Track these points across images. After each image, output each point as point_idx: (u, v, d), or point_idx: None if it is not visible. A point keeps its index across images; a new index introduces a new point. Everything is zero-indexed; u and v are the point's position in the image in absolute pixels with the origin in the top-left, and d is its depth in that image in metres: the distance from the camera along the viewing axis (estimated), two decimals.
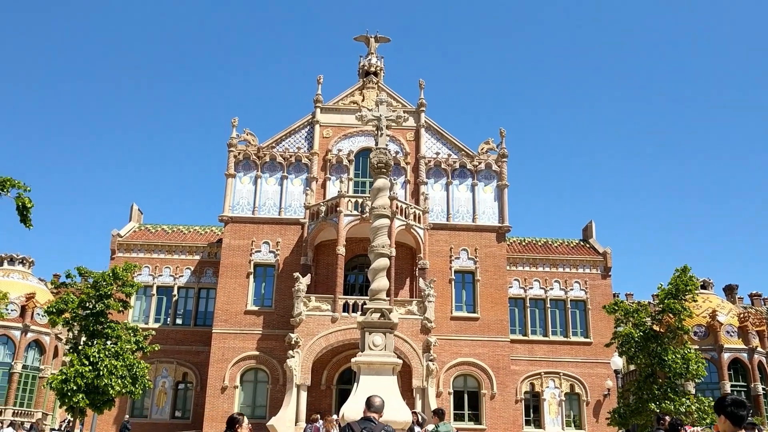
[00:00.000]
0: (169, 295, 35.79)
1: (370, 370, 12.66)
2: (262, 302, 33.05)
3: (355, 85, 37.20)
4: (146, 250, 36.41)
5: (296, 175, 35.07)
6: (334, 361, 31.68)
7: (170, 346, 32.99)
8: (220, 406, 31.04)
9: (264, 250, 33.68)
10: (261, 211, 34.29)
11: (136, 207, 40.00)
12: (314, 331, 29.91)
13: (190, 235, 38.46)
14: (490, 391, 31.86)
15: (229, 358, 31.72)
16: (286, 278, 32.38)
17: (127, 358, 19.75)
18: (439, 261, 33.41)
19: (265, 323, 32.44)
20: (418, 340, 29.77)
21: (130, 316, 32.51)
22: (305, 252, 32.75)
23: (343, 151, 35.29)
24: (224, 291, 32.88)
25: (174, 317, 35.45)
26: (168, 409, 33.92)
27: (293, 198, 34.53)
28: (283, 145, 35.61)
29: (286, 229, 33.93)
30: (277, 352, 31.37)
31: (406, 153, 35.20)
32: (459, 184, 35.09)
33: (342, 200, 31.61)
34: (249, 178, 34.86)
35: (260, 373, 32.12)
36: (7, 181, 12.23)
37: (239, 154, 35.01)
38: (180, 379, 34.48)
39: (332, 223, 31.64)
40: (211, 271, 35.79)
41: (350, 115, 35.45)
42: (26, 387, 42.04)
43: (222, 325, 32.29)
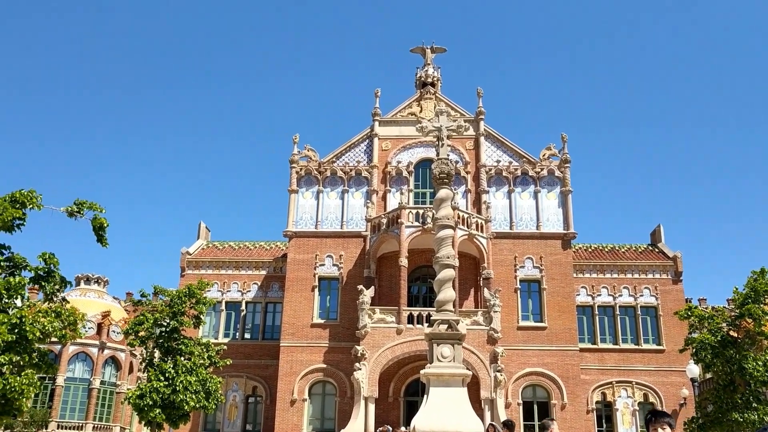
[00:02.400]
0: (238, 310, 36.53)
1: (439, 382, 12.60)
2: (327, 315, 33.35)
3: (413, 96, 37.33)
4: (214, 267, 37.30)
5: (357, 188, 35.36)
6: (401, 373, 31.67)
7: (240, 360, 33.58)
8: (289, 419, 31.40)
9: (328, 264, 34.02)
10: (323, 225, 34.69)
11: (204, 225, 41.04)
12: (380, 343, 29.99)
13: (256, 250, 39.20)
14: (560, 401, 31.23)
15: (297, 371, 32.08)
16: (350, 291, 32.60)
17: (200, 373, 20.22)
18: (504, 270, 33.06)
19: (331, 336, 32.71)
20: (484, 350, 29.49)
21: (201, 332, 33.30)
22: (368, 264, 32.92)
23: (402, 162, 35.41)
24: (290, 305, 33.34)
25: (243, 332, 36.16)
26: (239, 423, 34.52)
27: (354, 211, 34.81)
28: (344, 160, 35.98)
29: (349, 242, 34.20)
30: (344, 365, 31.56)
31: (466, 162, 35.05)
32: (521, 192, 34.71)
33: (403, 212, 31.68)
34: (311, 193, 35.34)
35: (328, 386, 32.36)
36: (83, 204, 12.77)
37: (301, 170, 35.55)
38: (250, 392, 35.07)
39: (394, 234, 31.73)
40: (277, 286, 36.36)
41: (408, 127, 35.61)
42: (104, 402, 43.47)
43: (289, 338, 32.72)
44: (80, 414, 42.15)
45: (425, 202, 34.17)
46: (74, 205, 12.71)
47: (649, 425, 5.27)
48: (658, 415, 5.29)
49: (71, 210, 12.68)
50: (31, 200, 12.40)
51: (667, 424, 5.21)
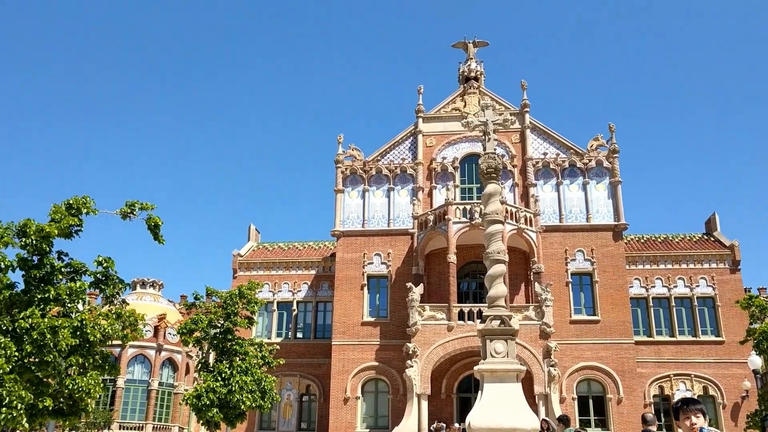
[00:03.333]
0: (289, 309, 36.97)
1: (493, 378, 12.51)
2: (377, 313, 33.47)
3: (456, 91, 37.16)
4: (265, 268, 37.83)
5: (402, 186, 35.38)
6: (453, 370, 31.59)
7: (293, 359, 33.96)
8: (343, 417, 31.64)
9: (376, 262, 34.14)
10: (370, 223, 34.81)
11: (254, 227, 41.67)
12: (431, 341, 29.96)
13: (305, 250, 39.61)
14: (616, 395, 30.69)
15: (350, 370, 32.29)
16: (399, 289, 32.66)
17: (255, 373, 20.53)
18: (554, 264, 32.65)
19: (381, 334, 32.82)
20: (537, 345, 29.20)
21: (254, 332, 33.80)
22: (416, 262, 32.92)
23: (447, 158, 35.28)
24: (340, 303, 33.57)
25: (295, 331, 36.60)
26: (294, 421, 34.94)
27: (401, 209, 34.84)
28: (388, 158, 36.05)
29: (396, 240, 34.26)
30: (396, 362, 31.64)
31: (512, 156, 34.73)
32: (570, 184, 34.22)
33: (450, 208, 31.58)
34: (357, 192, 35.51)
35: (380, 384, 32.48)
36: (135, 204, 13.10)
37: (346, 169, 35.75)
38: (304, 391, 35.46)
39: (441, 231, 31.65)
40: (327, 285, 36.68)
41: (453, 123, 35.46)
42: (163, 403, 44.52)
43: (340, 337, 32.96)
44: (140, 415, 43.26)
45: (472, 197, 33.98)
46: (126, 207, 13.04)
47: (679, 414, 4.83)
48: (689, 402, 4.88)
49: (124, 212, 13.01)
50: (85, 206, 12.75)
51: (700, 412, 4.78)
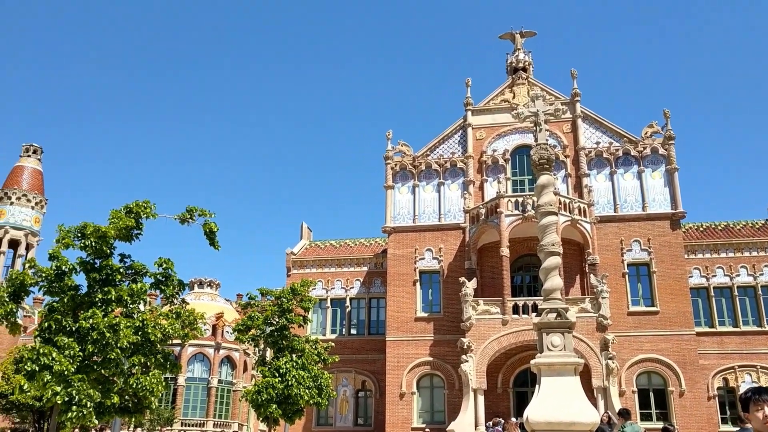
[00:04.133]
0: (342, 306, 37.24)
1: (551, 372, 12.32)
2: (430, 308, 33.41)
3: (505, 83, 36.76)
4: (318, 266, 38.19)
5: (453, 180, 35.19)
6: (509, 364, 31.32)
7: (348, 355, 34.21)
8: (399, 413, 31.71)
9: (428, 257, 34.06)
10: (421, 219, 34.74)
11: (306, 225, 42.11)
12: (485, 335, 29.76)
13: (357, 247, 39.82)
14: (678, 388, 29.92)
15: (404, 365, 32.33)
16: (452, 283, 32.52)
17: (311, 369, 20.75)
18: (610, 255, 32.01)
19: (435, 329, 32.75)
20: (594, 338, 28.70)
21: (309, 329, 34.16)
22: (468, 256, 32.72)
23: (498, 151, 34.94)
24: (393, 299, 33.62)
25: (348, 328, 36.84)
26: (351, 417, 35.20)
27: (452, 203, 34.67)
28: (438, 152, 35.92)
29: (448, 234, 34.11)
30: (450, 357, 31.54)
31: (564, 146, 34.18)
32: (624, 173, 33.47)
33: (502, 201, 31.26)
34: (407, 187, 35.47)
35: (435, 379, 32.42)
36: (194, 210, 13.38)
37: (396, 165, 35.76)
38: (359, 387, 35.67)
39: (493, 224, 31.37)
40: (379, 281, 36.80)
41: (502, 114, 35.11)
42: (223, 400, 45.44)
43: (394, 332, 33.02)
44: (201, 412, 44.27)
45: (524, 189, 33.59)
46: (186, 212, 13.34)
47: (749, 404, 4.40)
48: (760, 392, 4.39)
49: (183, 217, 13.31)
50: (145, 210, 13.08)
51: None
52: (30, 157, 54.69)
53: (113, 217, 12.71)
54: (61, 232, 12.39)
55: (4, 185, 52.96)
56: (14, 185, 52.41)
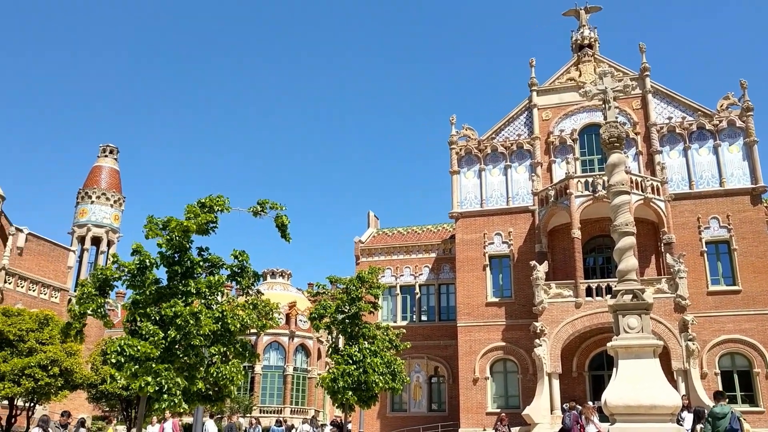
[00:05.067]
0: (412, 293, 37.39)
1: (628, 354, 12.07)
2: (501, 293, 33.16)
3: (570, 61, 35.92)
4: (386, 253, 38.43)
5: (520, 162, 34.72)
6: (583, 347, 30.82)
7: (419, 341, 34.37)
8: (473, 398, 31.69)
9: (497, 242, 33.77)
10: (489, 203, 34.45)
11: (372, 214, 42.44)
12: (558, 319, 29.35)
13: (424, 234, 39.85)
14: (764, 369, 28.75)
15: (477, 351, 32.25)
16: (523, 267, 32.17)
17: (384, 355, 20.97)
18: (686, 233, 30.97)
19: (507, 314, 32.51)
20: (672, 319, 27.90)
21: (380, 317, 34.46)
22: (539, 239, 32.28)
23: (565, 131, 34.25)
24: (463, 285, 33.52)
25: (419, 314, 36.99)
26: (425, 402, 35.40)
27: (519, 186, 34.23)
28: (503, 135, 35.49)
29: (516, 218, 33.72)
30: (523, 342, 31.26)
31: (634, 123, 33.20)
32: (699, 148, 32.26)
33: (571, 181, 30.66)
34: (473, 172, 35.21)
35: (509, 364, 32.22)
36: (265, 203, 13.68)
37: (461, 150, 35.53)
38: (432, 372, 35.81)
39: (563, 206, 30.82)
40: (448, 267, 36.75)
41: (568, 93, 34.39)
42: (298, 387, 46.44)
43: (465, 318, 32.95)
44: (278, 399, 45.36)
45: (593, 169, 32.84)
46: (258, 205, 13.65)
47: None
48: None
49: (256, 210, 13.63)
50: (219, 204, 13.45)
51: None
52: (107, 157, 56.98)
53: (189, 212, 13.11)
54: (150, 224, 12.90)
55: (84, 185, 55.37)
56: (94, 185, 54.73)
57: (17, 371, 23.53)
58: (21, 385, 23.52)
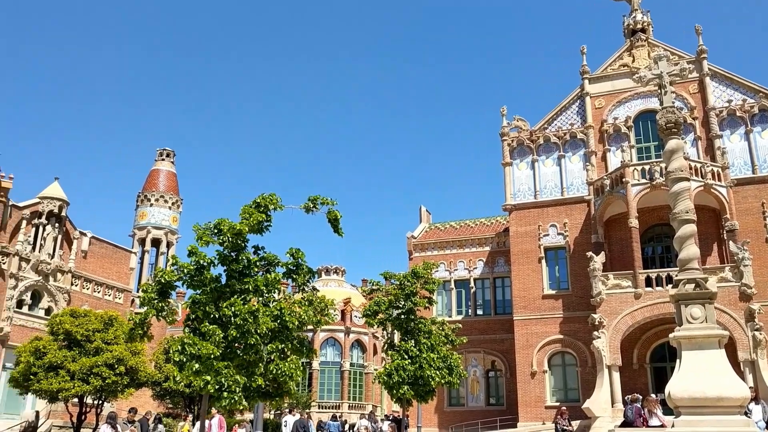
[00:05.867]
0: (467, 287, 37.18)
1: (692, 345, 11.72)
2: (558, 285, 32.70)
3: (622, 47, 35.11)
4: (439, 248, 38.31)
5: (573, 152, 34.15)
6: (644, 339, 30.14)
7: (475, 336, 34.13)
8: (531, 391, 31.36)
9: (552, 233, 33.31)
10: (543, 194, 34.00)
11: (424, 208, 42.37)
12: (617, 310, 28.76)
13: (477, 227, 39.58)
14: None
15: (534, 344, 31.89)
16: (579, 259, 31.65)
17: (440, 350, 20.91)
18: (750, 219, 29.93)
19: (564, 306, 32.04)
20: (737, 308, 27.01)
21: (435, 311, 34.39)
22: (595, 229, 31.70)
23: (619, 118, 33.51)
24: (518, 278, 33.18)
25: (474, 308, 36.77)
26: (482, 397, 35.21)
27: (574, 176, 33.67)
28: (555, 125, 34.95)
29: (571, 208, 33.19)
30: (582, 334, 30.77)
31: (691, 108, 32.25)
32: (762, 131, 31.12)
33: (627, 170, 29.98)
34: (526, 163, 34.80)
35: (567, 356, 31.76)
36: (317, 199, 13.81)
37: (512, 141, 35.15)
38: (489, 366, 35.58)
39: (620, 195, 30.16)
40: (503, 260, 36.41)
41: (622, 80, 33.67)
42: (355, 382, 46.77)
43: (522, 311, 32.61)
44: (336, 394, 45.77)
45: (650, 156, 32.05)
46: (309, 202, 13.80)
47: None
48: None
49: (307, 206, 13.78)
50: (272, 203, 13.62)
51: None
52: (164, 160, 58.41)
53: (245, 213, 13.33)
54: (198, 232, 13.15)
55: (143, 189, 56.91)
56: (152, 188, 56.19)
57: (86, 370, 24.34)
58: (89, 384, 24.31)
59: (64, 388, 24.02)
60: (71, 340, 25.37)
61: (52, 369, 24.39)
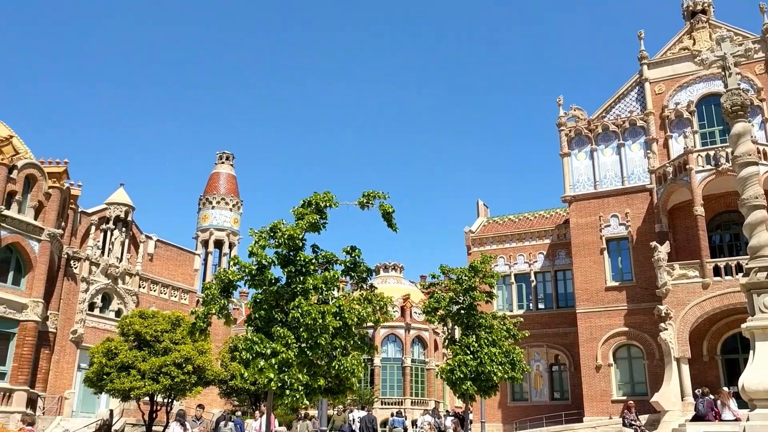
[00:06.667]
0: (527, 281, 36.73)
1: (766, 336, 11.33)
2: (621, 277, 31.97)
3: (682, 29, 34.00)
4: (498, 242, 37.94)
5: (633, 140, 33.31)
6: (714, 330, 29.18)
7: (537, 330, 33.64)
8: (597, 385, 30.78)
9: (613, 224, 32.58)
10: (603, 184, 33.28)
11: (481, 202, 42.04)
12: (684, 301, 27.93)
13: (536, 220, 39.04)
14: None
15: (598, 337, 31.28)
16: (642, 249, 30.86)
17: (502, 345, 20.71)
18: None
19: (628, 298, 31.31)
20: None
21: (495, 306, 34.05)
22: (658, 219, 30.84)
23: (681, 103, 32.49)
24: (580, 270, 32.58)
25: (536, 302, 36.28)
26: (546, 391, 34.74)
27: (635, 164, 32.85)
28: (614, 113, 34.16)
29: (633, 198, 32.39)
30: (647, 326, 30.01)
31: (758, 89, 31.01)
32: None
33: (690, 156, 29.06)
34: (584, 153, 34.14)
35: (633, 349, 31.03)
36: (370, 194, 13.84)
37: (570, 131, 34.52)
38: (552, 361, 35.08)
39: (683, 182, 29.27)
40: (564, 253, 35.81)
41: (682, 64, 32.67)
42: (417, 378, 46.83)
43: (584, 304, 32.02)
44: (398, 390, 45.94)
45: (714, 142, 30.98)
46: (363, 198, 13.85)
47: None
48: None
49: (362, 202, 13.82)
50: (327, 201, 13.72)
51: None
52: (224, 163, 59.68)
53: (295, 214, 13.45)
54: (255, 236, 13.37)
55: (205, 191, 58.30)
56: (213, 191, 57.51)
57: (155, 369, 25.10)
58: (159, 383, 25.07)
59: (135, 387, 24.85)
60: (141, 341, 26.20)
61: (124, 369, 25.26)
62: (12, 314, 28.15)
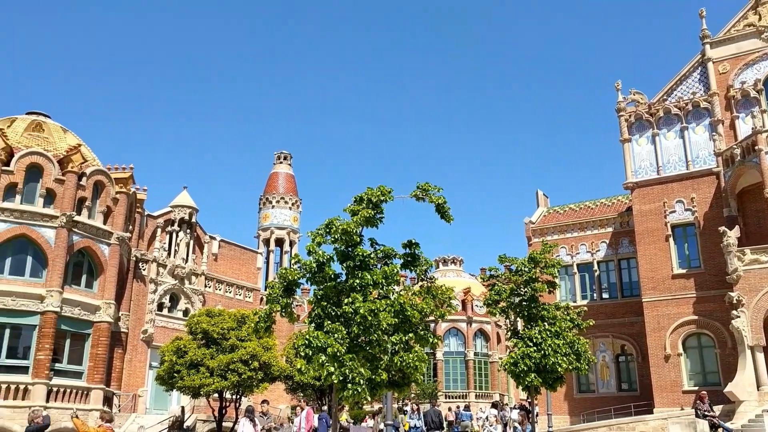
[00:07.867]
0: (590, 271, 36.04)
1: None
2: (688, 264, 31.04)
3: (747, 5, 32.63)
4: (559, 232, 37.34)
5: (697, 122, 32.25)
6: None
7: (602, 320, 32.93)
8: (666, 376, 30.00)
9: (679, 210, 31.65)
10: (666, 169, 32.36)
11: (541, 192, 41.45)
12: (757, 287, 26.91)
13: (598, 209, 38.26)
14: None
15: (666, 326, 30.47)
16: (710, 234, 29.88)
17: (566, 336, 20.40)
18: None
19: (696, 285, 30.37)
20: None
21: (558, 297, 33.56)
22: (726, 203, 29.81)
23: (747, 82, 31.27)
24: (645, 258, 31.78)
25: (600, 292, 35.59)
26: (613, 382, 34.05)
27: (699, 147, 31.81)
28: (676, 95, 33.13)
29: (698, 182, 31.37)
30: (718, 314, 29.06)
31: None
32: None
33: (760, 137, 27.93)
34: (646, 138, 33.25)
35: (703, 338, 30.10)
36: (425, 187, 13.86)
37: (630, 116, 33.68)
38: (619, 351, 34.36)
39: (753, 164, 28.17)
40: (627, 241, 35.00)
41: (748, 41, 31.45)
42: (480, 372, 46.62)
43: (650, 293, 31.24)
44: (462, 384, 45.85)
45: None
46: (418, 190, 13.88)
47: None
48: None
49: (417, 195, 13.87)
50: (382, 194, 13.78)
51: None
52: (282, 163, 60.63)
53: (349, 211, 13.57)
54: (311, 234, 13.57)
55: (264, 191, 59.36)
56: (273, 190, 58.51)
57: (223, 366, 25.76)
58: (227, 379, 25.71)
59: (204, 384, 25.56)
60: (208, 339, 26.91)
61: (193, 366, 26.00)
62: (86, 316, 29.30)
